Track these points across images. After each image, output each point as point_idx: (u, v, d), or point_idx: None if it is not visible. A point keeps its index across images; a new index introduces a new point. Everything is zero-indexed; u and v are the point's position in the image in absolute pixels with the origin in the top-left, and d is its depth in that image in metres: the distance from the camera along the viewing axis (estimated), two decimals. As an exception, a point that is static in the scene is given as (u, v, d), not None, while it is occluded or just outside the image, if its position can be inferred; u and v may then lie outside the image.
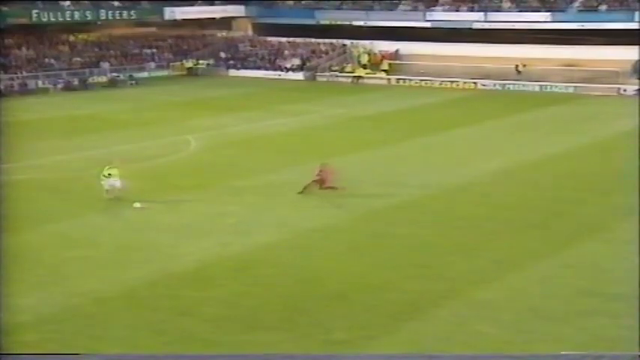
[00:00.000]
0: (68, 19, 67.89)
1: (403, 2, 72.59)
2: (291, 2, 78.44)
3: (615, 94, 57.25)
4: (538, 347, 17.08)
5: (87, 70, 66.35)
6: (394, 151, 38.02)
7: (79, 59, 68.17)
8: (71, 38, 71.66)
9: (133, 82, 66.04)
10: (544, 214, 27.15)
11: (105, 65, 68.20)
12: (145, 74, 69.00)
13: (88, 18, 69.28)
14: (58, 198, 29.23)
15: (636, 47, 58.44)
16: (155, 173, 32.19)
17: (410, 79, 65.58)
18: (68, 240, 24.40)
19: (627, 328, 17.90)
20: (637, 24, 59.86)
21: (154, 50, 74.33)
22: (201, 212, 27.42)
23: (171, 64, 72.80)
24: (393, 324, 18.22)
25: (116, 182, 28.39)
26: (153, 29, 78.62)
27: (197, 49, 76.58)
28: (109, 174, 28.46)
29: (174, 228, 25.65)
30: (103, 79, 66.04)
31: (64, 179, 32.22)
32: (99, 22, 71.64)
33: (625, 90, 57.68)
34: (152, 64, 71.52)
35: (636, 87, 57.62)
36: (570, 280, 19.55)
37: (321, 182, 29.16)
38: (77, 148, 38.27)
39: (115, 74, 66.94)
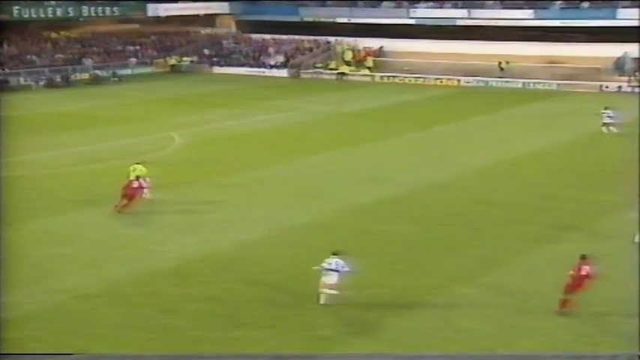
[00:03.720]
0: (50, 16, 67.39)
1: (387, -1, 72.77)
2: (275, -1, 78.42)
3: (597, 90, 57.59)
4: (521, 343, 17.16)
5: (69, 67, 65.91)
6: (379, 148, 38.06)
7: (61, 56, 67.74)
8: (53, 35, 71.23)
9: (116, 79, 65.67)
10: (528, 210, 27.28)
11: (87, 62, 67.79)
12: (127, 71, 68.65)
13: (71, 14, 68.81)
14: (42, 195, 29.01)
15: (618, 44, 59.24)
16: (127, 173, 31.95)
17: (394, 76, 65.67)
18: (51, 237, 24.24)
19: (610, 324, 18.07)
20: (619, 21, 60.37)
21: (137, 47, 73.99)
22: (185, 209, 27.32)
23: (154, 60, 72.49)
24: (378, 320, 18.22)
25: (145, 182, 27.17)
26: (136, 26, 78.26)
27: (180, 45, 76.30)
28: (136, 175, 27.10)
29: (159, 225, 25.55)
30: (86, 76, 65.64)
31: (47, 176, 32.00)
32: (81, 19, 71.18)
33: (607, 87, 58.07)
34: (135, 61, 71.18)
35: (618, 84, 58.15)
36: (554, 276, 19.59)
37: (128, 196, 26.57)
38: (60, 145, 38.02)
39: (97, 71, 66.54)
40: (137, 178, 26.95)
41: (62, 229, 25.04)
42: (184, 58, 73.28)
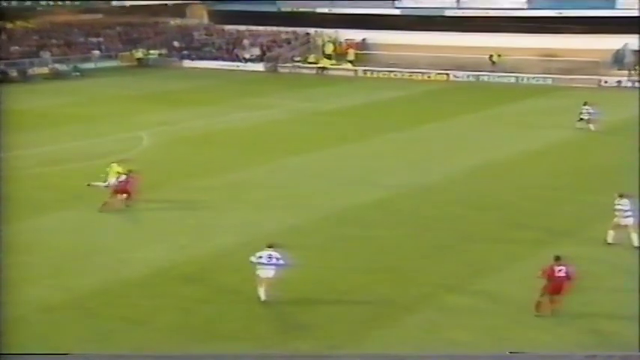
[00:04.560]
0: (4, 4, 67.09)
1: (371, -12, 73.11)
2: (250, -13, 78.54)
3: (596, 85, 58.23)
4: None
5: (26, 61, 65.72)
6: (362, 148, 38.32)
7: (17, 48, 67.48)
8: (9, 25, 70.89)
9: (78, 73, 65.54)
10: (521, 214, 27.64)
11: (46, 55, 67.57)
12: (90, 65, 68.51)
13: (27, 3, 68.55)
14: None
15: (618, 36, 59.85)
16: (104, 173, 32.01)
17: (378, 71, 66.01)
18: (10, 245, 24.19)
19: (609, 334, 18.41)
20: (618, 11, 61.02)
21: (101, 39, 73.86)
22: (155, 214, 27.45)
23: (119, 54, 72.38)
24: (360, 332, 18.47)
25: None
26: (99, 16, 78.17)
27: (148, 37, 76.25)
28: (120, 172, 28.25)
29: (127, 231, 25.68)
30: (45, 70, 65.49)
31: (2, 179, 31.90)
32: (39, 8, 70.96)
33: (606, 81, 58.69)
34: (98, 54, 71.02)
35: (617, 78, 58.79)
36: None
37: (121, 192, 27.78)
38: (16, 146, 37.76)
39: (57, 65, 66.37)
40: (129, 172, 27.90)
41: (22, 235, 24.98)
42: (152, 51, 73.21)
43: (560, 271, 18.99)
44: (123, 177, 27.86)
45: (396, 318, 19.28)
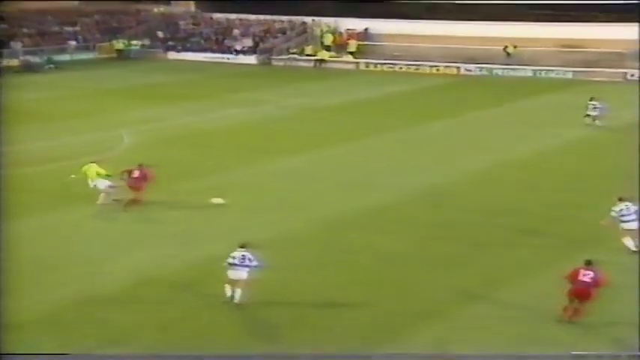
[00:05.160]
0: (-29, -9, 67.29)
1: (373, -28, 73.26)
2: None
3: (621, 79, 58.35)
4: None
5: (-5, 52, 65.88)
6: (364, 148, 38.43)
7: (-16, 38, 67.64)
8: (-25, 13, 71.08)
9: (52, 65, 65.63)
10: (537, 220, 27.71)
11: (17, 46, 67.65)
12: (66, 57, 68.62)
13: (-4, -11, 68.70)
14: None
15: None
16: (82, 173, 32.10)
17: (381, 64, 66.12)
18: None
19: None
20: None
21: (77, 28, 73.95)
22: (137, 220, 27.53)
23: (98, 44, 72.49)
24: (361, 350, 18.42)
25: (107, 182, 28.70)
26: (75, 3, 78.19)
27: (129, 27, 76.34)
28: (101, 173, 28.69)
29: (105, 239, 25.74)
30: (15, 62, 65.55)
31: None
32: (9, -6, 71.09)
33: (632, 75, 58.72)
34: (74, 45, 71.05)
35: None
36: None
37: (136, 189, 28.78)
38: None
39: (29, 56, 66.42)
40: (140, 166, 28.72)
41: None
42: (134, 42, 73.32)
43: (585, 275, 19.28)
44: (136, 172, 28.55)
45: (400, 335, 19.31)
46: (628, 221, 24.29)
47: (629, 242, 24.24)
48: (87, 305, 20.88)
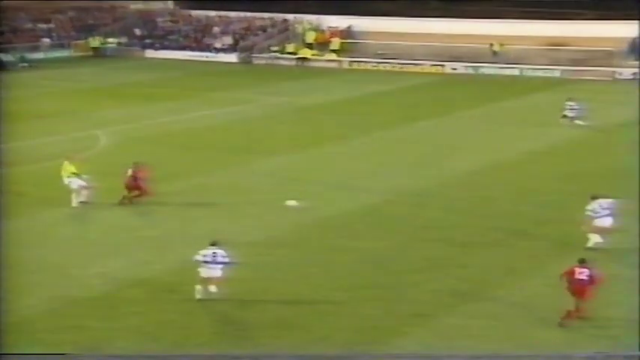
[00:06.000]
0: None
1: (357, -32, 73.30)
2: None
3: (609, 78, 58.61)
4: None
5: (-34, 50, 65.49)
6: (348, 149, 38.40)
7: (-45, 36, 67.22)
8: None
9: (25, 64, 65.28)
10: (525, 222, 27.72)
11: (-11, 44, 67.30)
12: (39, 55, 68.31)
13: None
14: None
15: (634, 22, 60.02)
16: (56, 176, 31.87)
17: (365, 62, 66.16)
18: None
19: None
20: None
21: (51, 25, 73.61)
22: (113, 224, 27.33)
23: (72, 42, 72.19)
24: (345, 356, 18.40)
25: (83, 182, 28.58)
26: (49, -1, 77.85)
27: (105, 24, 76.06)
28: (74, 172, 28.52)
29: (81, 243, 25.54)
30: (-13, 60, 65.17)
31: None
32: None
33: (621, 74, 59.04)
34: (49, 43, 70.70)
35: (633, 70, 59.06)
36: (560, 303, 19.88)
37: (134, 187, 29.02)
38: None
39: (1, 55, 65.99)
40: (135, 164, 28.77)
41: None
42: (110, 40, 73.07)
43: (581, 273, 19.50)
44: (129, 172, 28.66)
45: (386, 341, 19.24)
46: (600, 217, 24.63)
47: (596, 237, 24.50)
48: (58, 313, 20.69)
